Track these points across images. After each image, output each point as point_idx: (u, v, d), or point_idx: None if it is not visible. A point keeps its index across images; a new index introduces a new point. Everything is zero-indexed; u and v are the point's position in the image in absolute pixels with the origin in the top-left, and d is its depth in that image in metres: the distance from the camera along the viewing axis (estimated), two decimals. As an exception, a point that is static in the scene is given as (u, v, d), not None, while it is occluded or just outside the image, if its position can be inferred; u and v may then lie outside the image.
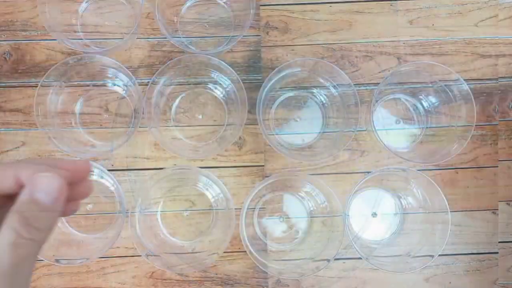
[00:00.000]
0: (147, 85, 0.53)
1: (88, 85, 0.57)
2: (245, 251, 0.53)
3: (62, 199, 0.23)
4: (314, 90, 0.58)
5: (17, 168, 0.24)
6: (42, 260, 0.51)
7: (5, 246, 0.22)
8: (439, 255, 0.51)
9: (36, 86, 0.51)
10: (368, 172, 0.56)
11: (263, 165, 0.57)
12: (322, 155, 0.55)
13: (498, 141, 0.58)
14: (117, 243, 0.55)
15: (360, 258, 0.53)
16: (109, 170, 0.55)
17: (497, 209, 0.58)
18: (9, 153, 0.56)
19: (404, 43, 0.58)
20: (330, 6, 0.58)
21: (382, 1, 0.58)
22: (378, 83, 0.57)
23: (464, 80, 0.52)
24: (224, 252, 0.56)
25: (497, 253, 0.58)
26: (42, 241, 0.23)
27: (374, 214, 0.58)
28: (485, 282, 0.58)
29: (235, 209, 0.53)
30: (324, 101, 0.58)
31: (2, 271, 0.21)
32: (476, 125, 0.58)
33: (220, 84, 0.57)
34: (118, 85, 0.57)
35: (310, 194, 0.58)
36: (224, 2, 0.58)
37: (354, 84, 0.54)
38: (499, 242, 0.58)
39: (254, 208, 0.58)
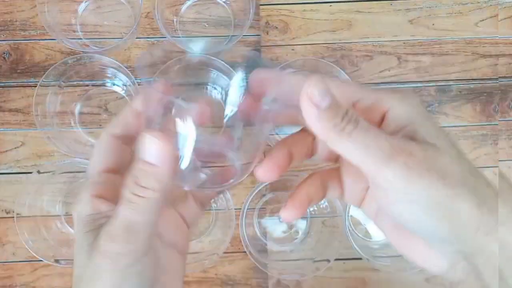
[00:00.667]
0: (146, 85, 0.53)
1: (87, 85, 0.56)
2: (245, 251, 0.53)
3: (168, 160, 0.23)
4: (314, 90, 0.57)
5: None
6: (41, 261, 0.51)
7: (120, 204, 0.23)
8: (439, 255, 0.51)
9: (35, 86, 0.51)
10: (368, 172, 0.56)
11: (263, 165, 0.57)
12: (322, 155, 0.55)
13: (498, 141, 0.58)
14: (116, 243, 0.55)
15: (360, 258, 0.53)
16: (108, 170, 0.54)
17: (497, 209, 0.58)
18: (8, 153, 0.56)
19: (404, 43, 0.58)
20: (330, 5, 0.58)
21: (382, 0, 0.58)
22: (378, 83, 0.57)
23: (465, 80, 0.52)
24: (224, 253, 0.56)
25: (497, 253, 0.58)
26: (154, 200, 0.23)
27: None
28: (485, 282, 0.58)
29: (235, 209, 0.53)
30: (324, 101, 0.57)
31: (125, 224, 0.23)
32: (476, 125, 0.58)
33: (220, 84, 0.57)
34: (117, 85, 0.57)
35: (310, 194, 0.58)
36: (223, 2, 0.58)
37: (354, 84, 0.54)
38: (499, 242, 0.58)
39: (254, 208, 0.57)
